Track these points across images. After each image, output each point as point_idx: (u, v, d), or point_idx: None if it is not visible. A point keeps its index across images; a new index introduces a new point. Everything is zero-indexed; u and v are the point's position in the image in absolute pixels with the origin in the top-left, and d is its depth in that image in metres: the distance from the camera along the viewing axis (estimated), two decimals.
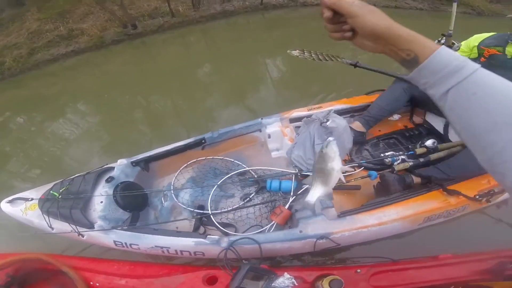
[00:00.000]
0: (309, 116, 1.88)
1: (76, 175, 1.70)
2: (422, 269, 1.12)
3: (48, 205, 1.52)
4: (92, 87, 4.64)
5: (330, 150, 0.79)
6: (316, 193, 0.89)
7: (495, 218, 1.79)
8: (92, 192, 1.59)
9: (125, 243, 1.41)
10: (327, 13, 0.52)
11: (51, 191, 1.59)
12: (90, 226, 1.46)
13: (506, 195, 1.59)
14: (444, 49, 0.43)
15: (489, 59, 1.80)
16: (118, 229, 1.44)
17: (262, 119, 2.00)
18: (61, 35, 6.66)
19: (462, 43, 1.95)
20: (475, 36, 1.91)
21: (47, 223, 1.47)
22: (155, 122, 3.40)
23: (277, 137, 1.96)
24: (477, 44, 1.87)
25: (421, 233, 1.63)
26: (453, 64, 0.42)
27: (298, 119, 1.99)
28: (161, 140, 2.72)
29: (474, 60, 1.81)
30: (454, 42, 1.87)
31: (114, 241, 1.41)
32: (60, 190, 1.57)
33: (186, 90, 4.02)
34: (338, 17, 0.51)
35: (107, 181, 1.65)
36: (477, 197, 1.45)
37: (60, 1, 7.99)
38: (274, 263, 1.57)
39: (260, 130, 2.01)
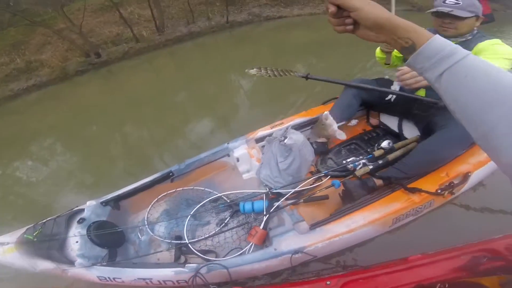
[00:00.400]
0: (271, 134, 1.95)
1: (47, 219, 1.69)
2: (394, 273, 1.13)
3: (25, 247, 1.54)
4: (58, 123, 4.50)
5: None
6: None
7: (465, 208, 1.89)
8: (65, 233, 1.60)
9: (109, 277, 1.45)
10: (332, 8, 0.58)
11: (25, 235, 1.60)
12: (71, 264, 1.48)
13: (468, 185, 1.68)
14: (438, 37, 0.49)
15: None
16: (97, 265, 1.47)
17: (228, 143, 2.05)
18: (19, 68, 6.35)
19: None
20: None
21: (28, 263, 1.50)
22: (125, 155, 3.36)
23: (245, 159, 2.01)
24: None
25: (396, 235, 1.71)
26: (446, 50, 0.48)
27: (263, 138, 2.05)
28: (132, 174, 2.72)
29: None
30: None
31: (98, 277, 1.45)
32: (34, 234, 1.59)
33: (156, 117, 4.01)
34: (341, 12, 0.58)
35: (79, 222, 1.65)
36: (439, 191, 1.54)
37: (11, 32, 7.68)
38: (252, 283, 1.59)
39: (228, 155, 2.06)
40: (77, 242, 1.57)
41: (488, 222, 1.84)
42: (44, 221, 1.69)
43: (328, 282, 1.10)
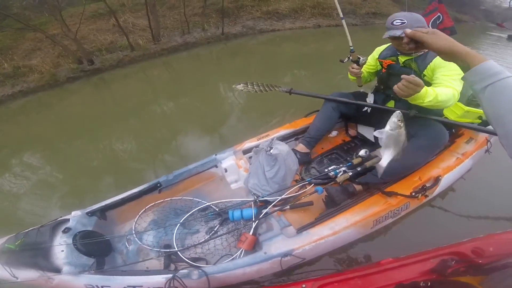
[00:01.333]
0: (257, 145, 2.05)
1: (30, 229, 1.65)
2: (367, 276, 1.21)
3: (5, 257, 1.49)
4: (44, 132, 4.33)
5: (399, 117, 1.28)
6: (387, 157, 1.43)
7: (438, 212, 2.08)
8: (50, 243, 1.56)
9: (97, 285, 1.41)
10: (408, 42, 0.82)
11: (6, 244, 1.55)
12: (58, 270, 1.44)
13: (439, 188, 1.85)
14: (489, 61, 0.66)
15: (388, 69, 1.97)
16: (85, 273, 1.44)
17: (216, 155, 2.13)
18: (6, 73, 6.04)
19: (369, 57, 2.12)
20: (377, 48, 2.09)
21: (9, 273, 1.43)
22: (111, 167, 3.31)
23: (233, 170, 2.09)
24: (377, 56, 2.05)
25: (379, 237, 1.85)
26: (492, 70, 0.64)
27: (250, 149, 2.15)
28: (119, 185, 2.68)
29: (379, 71, 2.10)
30: (359, 56, 2.00)
31: (85, 285, 1.41)
32: (16, 243, 1.53)
33: (145, 128, 4.01)
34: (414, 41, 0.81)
35: (64, 231, 1.63)
36: (413, 193, 1.70)
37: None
38: None
39: (216, 166, 2.13)
40: (62, 251, 1.54)
41: (459, 225, 2.01)
42: (26, 230, 1.64)
43: (303, 286, 1.17)
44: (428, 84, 1.68)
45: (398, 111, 1.36)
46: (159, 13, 8.15)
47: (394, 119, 1.35)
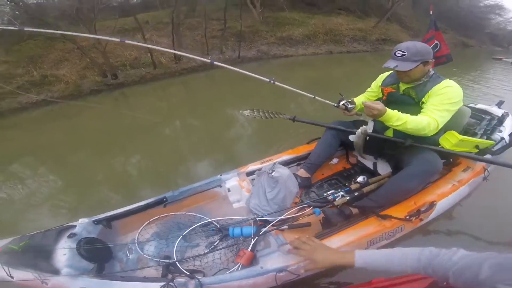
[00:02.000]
0: (260, 169, 2.16)
1: (35, 232, 1.72)
2: None
3: (6, 257, 1.52)
4: (56, 144, 4.41)
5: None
6: None
7: (437, 233, 2.12)
8: (54, 246, 1.62)
9: None
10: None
11: (9, 245, 1.59)
12: (56, 272, 1.47)
13: (435, 213, 1.90)
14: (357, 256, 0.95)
15: (388, 97, 2.04)
16: (84, 276, 1.47)
17: (221, 175, 2.24)
18: (33, 81, 6.23)
19: (373, 84, 2.20)
20: (380, 75, 2.15)
21: (6, 272, 1.44)
22: (120, 181, 3.41)
23: (236, 190, 2.19)
24: (380, 84, 2.12)
25: None
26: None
27: (253, 172, 2.26)
28: (126, 199, 2.76)
29: (379, 99, 2.18)
30: (345, 105, 2.05)
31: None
32: (20, 244, 1.59)
33: (158, 145, 4.16)
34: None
35: (69, 237, 1.69)
36: (407, 217, 1.75)
37: (30, 44, 7.73)
38: None
39: (220, 186, 2.23)
40: (65, 254, 1.59)
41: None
42: (32, 233, 1.71)
43: None
44: None
45: (363, 126, 1.68)
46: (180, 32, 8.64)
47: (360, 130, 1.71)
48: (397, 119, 1.69)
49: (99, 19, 8.77)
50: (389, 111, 1.69)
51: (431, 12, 2.86)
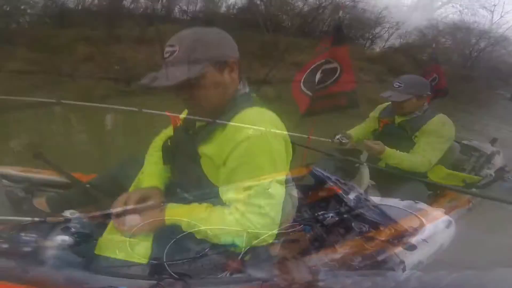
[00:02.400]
0: None
1: (27, 221, 1.65)
2: None
3: None
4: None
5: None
6: None
7: None
8: (44, 237, 1.56)
9: (76, 281, 1.40)
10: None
11: None
12: (41, 264, 1.43)
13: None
14: None
15: (384, 129, 2.11)
16: (71, 269, 1.44)
17: None
18: (47, 79, 6.11)
19: (370, 114, 2.27)
20: (378, 106, 2.24)
21: None
22: None
23: None
24: (377, 115, 2.20)
25: None
26: None
27: None
28: None
29: (375, 130, 2.27)
30: (340, 140, 2.13)
31: (65, 279, 1.39)
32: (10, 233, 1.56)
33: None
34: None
35: (63, 229, 1.65)
36: (391, 240, 1.81)
37: (53, 41, 7.75)
38: None
39: None
40: (53, 246, 1.53)
41: None
42: (25, 223, 1.65)
43: None
44: None
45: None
46: None
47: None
48: (393, 158, 1.81)
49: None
50: (388, 150, 1.81)
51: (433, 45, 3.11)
